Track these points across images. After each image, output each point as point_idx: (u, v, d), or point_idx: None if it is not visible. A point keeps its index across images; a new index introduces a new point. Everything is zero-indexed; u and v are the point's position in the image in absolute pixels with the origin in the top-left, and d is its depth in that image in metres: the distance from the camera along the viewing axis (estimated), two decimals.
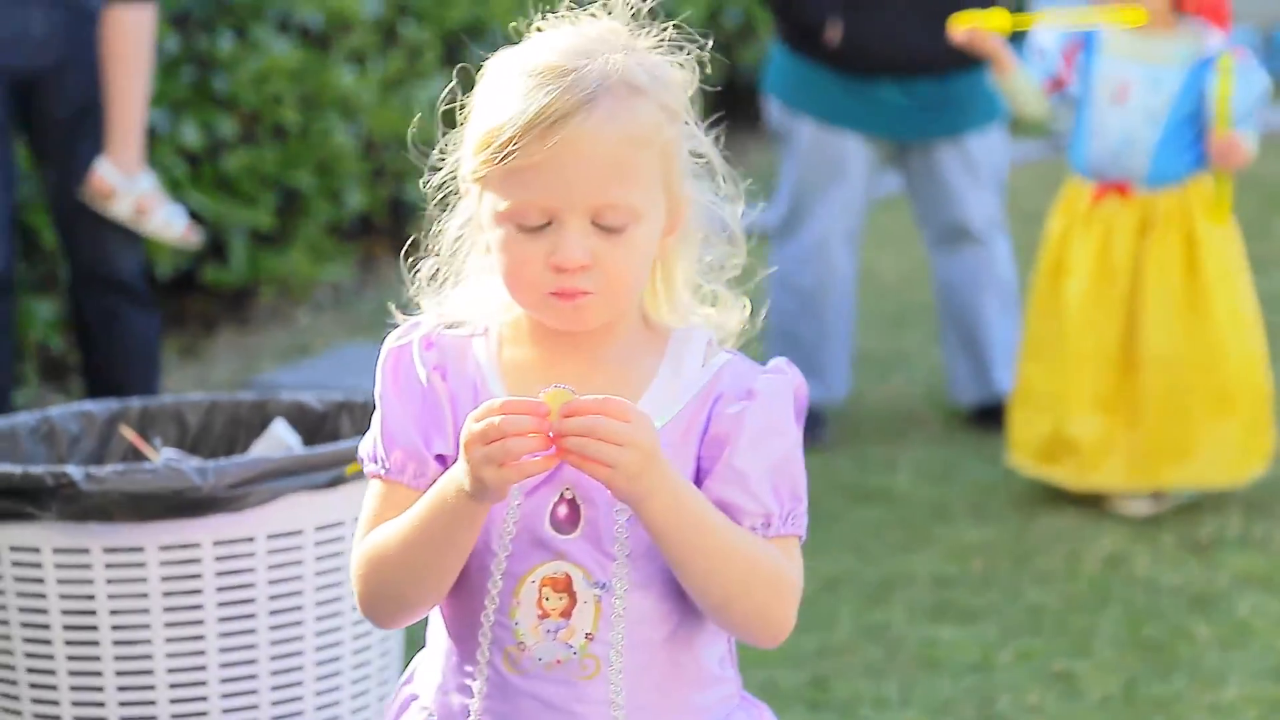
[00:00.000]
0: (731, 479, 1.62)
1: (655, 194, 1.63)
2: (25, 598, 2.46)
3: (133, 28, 3.77)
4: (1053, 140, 7.69)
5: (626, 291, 1.63)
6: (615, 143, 1.60)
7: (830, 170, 4.53)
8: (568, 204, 1.59)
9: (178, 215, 3.91)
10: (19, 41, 3.73)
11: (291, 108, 5.24)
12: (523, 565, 1.61)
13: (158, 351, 4.03)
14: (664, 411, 1.63)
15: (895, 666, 3.32)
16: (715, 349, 1.68)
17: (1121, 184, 4.07)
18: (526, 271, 1.61)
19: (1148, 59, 4.03)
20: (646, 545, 1.61)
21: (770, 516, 1.63)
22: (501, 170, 1.60)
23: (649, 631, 1.63)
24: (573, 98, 1.58)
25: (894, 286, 5.92)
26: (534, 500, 1.62)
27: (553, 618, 1.61)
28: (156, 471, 2.42)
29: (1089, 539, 3.93)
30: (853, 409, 4.76)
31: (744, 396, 1.64)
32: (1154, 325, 4.02)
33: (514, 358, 1.67)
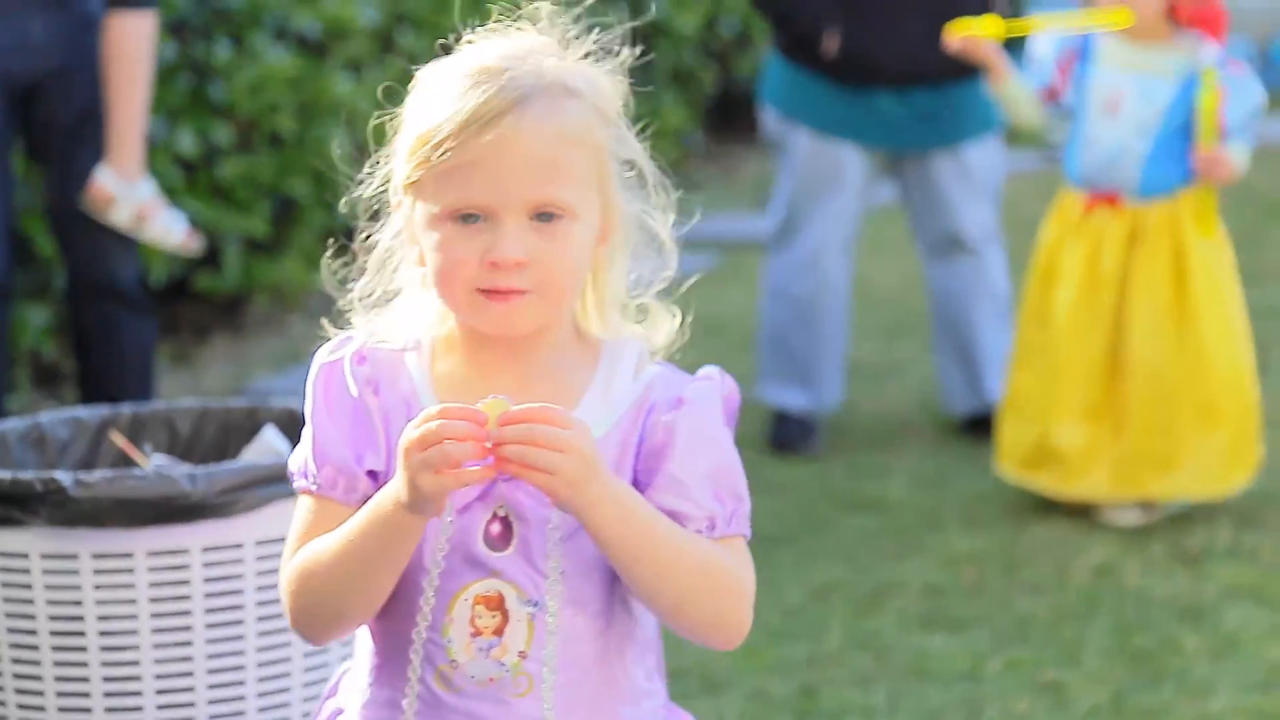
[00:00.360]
0: (671, 488, 1.62)
1: (589, 195, 1.63)
2: (13, 603, 2.46)
3: (134, 35, 3.78)
4: (1049, 151, 7.70)
5: (562, 292, 1.63)
6: (550, 140, 1.60)
7: (826, 180, 4.54)
8: (503, 201, 1.59)
9: (178, 222, 3.92)
10: (20, 48, 3.73)
11: (288, 116, 5.24)
12: (455, 583, 1.61)
13: (153, 358, 4.02)
14: (599, 424, 1.62)
15: (884, 675, 3.32)
16: (646, 360, 1.68)
17: (1112, 195, 4.08)
18: (460, 270, 1.60)
19: (1141, 70, 4.04)
20: (579, 562, 1.62)
21: (714, 519, 1.63)
22: (436, 172, 1.60)
23: (581, 648, 1.63)
24: (507, 96, 1.59)
25: (888, 296, 5.93)
26: (467, 518, 1.61)
27: (485, 635, 1.61)
28: (146, 478, 2.42)
29: (1079, 549, 3.93)
30: (846, 418, 4.77)
31: (675, 406, 1.64)
32: (1141, 336, 4.03)
33: (447, 371, 1.66)
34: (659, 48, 7.46)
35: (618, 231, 1.67)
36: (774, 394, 4.61)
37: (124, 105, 3.78)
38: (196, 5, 5.10)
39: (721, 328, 5.60)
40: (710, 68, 7.90)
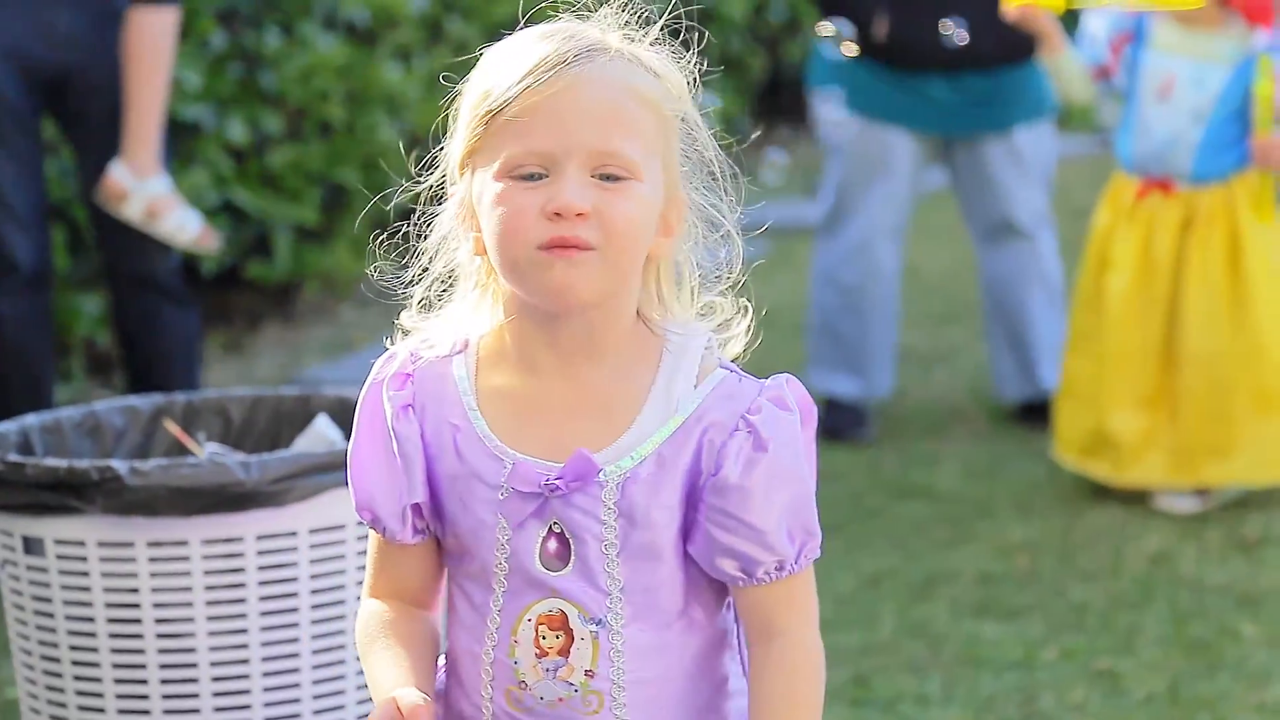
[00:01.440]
0: (746, 534, 1.58)
1: (653, 161, 1.58)
2: (70, 590, 2.48)
3: (154, 30, 3.75)
4: (1101, 135, 7.65)
5: (626, 251, 1.56)
6: (617, 91, 1.56)
7: (876, 166, 4.52)
8: (566, 149, 1.54)
9: (192, 220, 3.87)
10: (44, 36, 3.72)
11: (337, 104, 5.25)
12: (518, 604, 1.60)
13: (197, 350, 4.02)
14: (651, 441, 1.58)
15: (938, 664, 3.31)
16: (712, 359, 1.62)
17: (1165, 180, 4.05)
18: (521, 223, 1.55)
19: (1193, 55, 4.00)
20: (641, 578, 1.59)
21: (784, 561, 1.60)
22: (498, 125, 1.56)
23: (650, 663, 1.60)
24: (572, 47, 1.56)
25: (939, 282, 5.90)
26: (522, 536, 1.59)
27: (551, 656, 1.59)
28: (200, 466, 2.43)
29: (1134, 536, 3.90)
30: (896, 405, 4.75)
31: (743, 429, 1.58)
32: (1195, 322, 4.00)
33: (494, 384, 1.62)
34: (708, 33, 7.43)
35: (683, 223, 1.62)
36: (824, 381, 4.59)
37: (141, 100, 3.75)
38: None
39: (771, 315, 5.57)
40: (759, 54, 7.88)
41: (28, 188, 3.79)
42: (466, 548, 1.62)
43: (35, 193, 3.82)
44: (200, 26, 4.91)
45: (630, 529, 1.58)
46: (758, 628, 1.63)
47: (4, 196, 3.76)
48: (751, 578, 1.60)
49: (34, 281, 3.83)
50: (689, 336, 1.62)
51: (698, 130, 1.63)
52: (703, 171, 1.64)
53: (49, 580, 2.49)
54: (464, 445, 1.61)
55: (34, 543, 2.48)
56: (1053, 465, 4.26)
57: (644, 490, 1.58)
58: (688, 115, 1.62)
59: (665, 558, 1.60)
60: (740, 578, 1.60)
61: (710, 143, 1.65)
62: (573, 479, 1.57)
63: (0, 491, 2.49)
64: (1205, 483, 4.02)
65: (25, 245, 3.80)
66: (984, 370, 4.88)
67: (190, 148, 4.93)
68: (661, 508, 1.59)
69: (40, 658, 2.52)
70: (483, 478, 1.60)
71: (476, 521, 1.60)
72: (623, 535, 1.58)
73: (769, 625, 1.62)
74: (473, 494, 1.60)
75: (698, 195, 1.64)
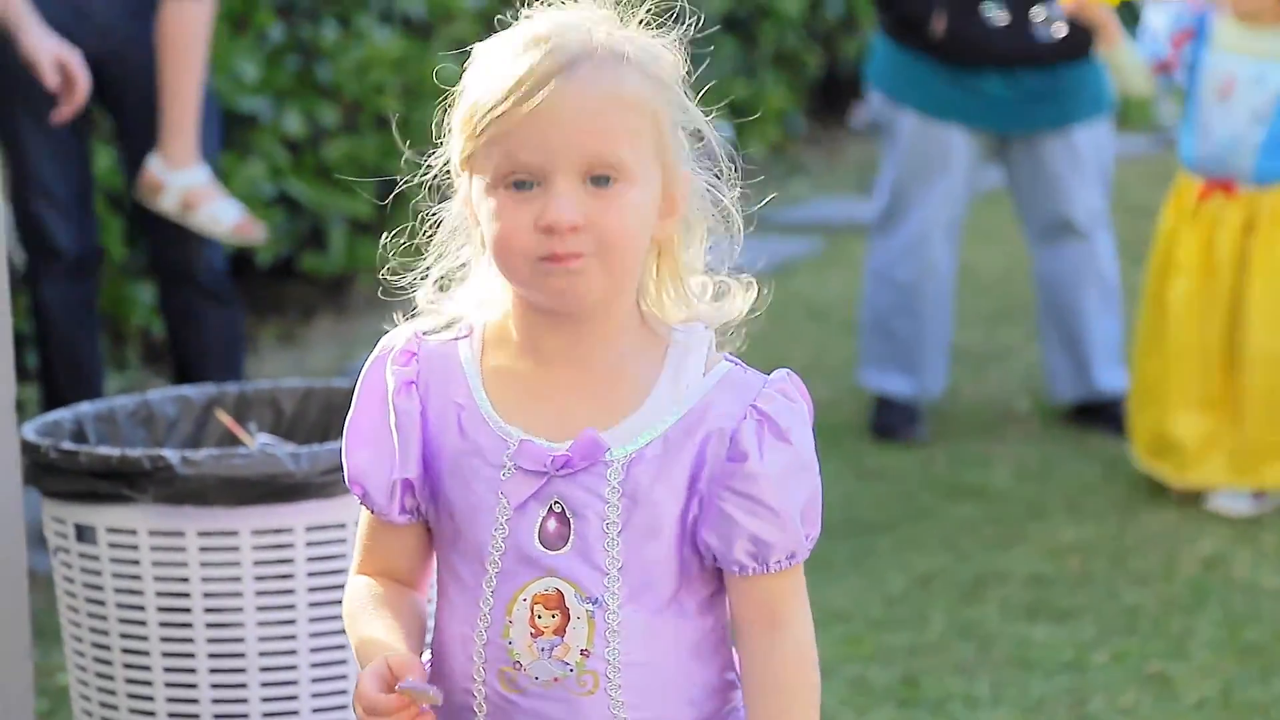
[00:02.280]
0: (768, 517, 1.60)
1: (648, 161, 1.58)
2: (121, 579, 2.49)
3: (188, 20, 3.72)
4: (1160, 134, 7.59)
5: (622, 257, 1.57)
6: (600, 99, 1.56)
7: (932, 163, 4.50)
8: (553, 163, 1.55)
9: (228, 211, 3.82)
10: (80, 22, 3.71)
11: (393, 97, 5.27)
12: (513, 584, 1.60)
13: (239, 348, 3.97)
14: (658, 424, 1.60)
15: (988, 665, 3.29)
16: (716, 354, 1.64)
17: (1227, 182, 4.01)
18: (516, 238, 1.56)
19: (1254, 54, 3.97)
20: (638, 558, 1.60)
21: (796, 550, 1.62)
22: (487, 139, 1.57)
23: (646, 644, 1.61)
24: (555, 60, 1.56)
25: (993, 282, 5.87)
26: (522, 516, 1.60)
27: (546, 635, 1.60)
28: (251, 456, 2.44)
29: (1188, 539, 3.87)
30: (949, 405, 4.72)
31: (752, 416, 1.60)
32: (1257, 324, 3.97)
33: (499, 366, 1.63)
34: (763, 30, 7.42)
35: (686, 204, 1.62)
36: (877, 380, 4.57)
37: (175, 91, 3.72)
38: None
39: (824, 312, 5.57)
40: (814, 50, 7.86)
41: (69, 174, 3.78)
42: (461, 529, 1.63)
43: (77, 179, 3.80)
44: (258, 19, 4.94)
45: (633, 508, 1.60)
46: (760, 619, 1.64)
47: (45, 183, 3.77)
48: (765, 564, 1.62)
49: (77, 267, 3.82)
50: (692, 332, 1.64)
51: (691, 109, 1.63)
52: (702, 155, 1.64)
53: (100, 568, 2.50)
54: (468, 423, 1.62)
55: (86, 530, 2.50)
56: (1106, 467, 4.23)
57: (649, 471, 1.59)
58: (679, 103, 1.62)
59: (663, 540, 1.61)
60: (751, 565, 1.62)
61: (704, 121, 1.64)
62: (581, 457, 1.58)
63: (54, 479, 2.50)
64: (1267, 485, 3.99)
65: (66, 231, 3.79)
66: (1038, 370, 4.85)
67: (247, 139, 4.96)
68: (665, 489, 1.60)
69: (91, 645, 2.54)
70: (485, 456, 1.61)
71: (477, 499, 1.61)
72: (625, 514, 1.59)
73: (772, 616, 1.64)
74: (474, 473, 1.61)
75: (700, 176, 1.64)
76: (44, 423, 2.63)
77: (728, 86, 7.07)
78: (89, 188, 3.87)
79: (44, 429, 2.61)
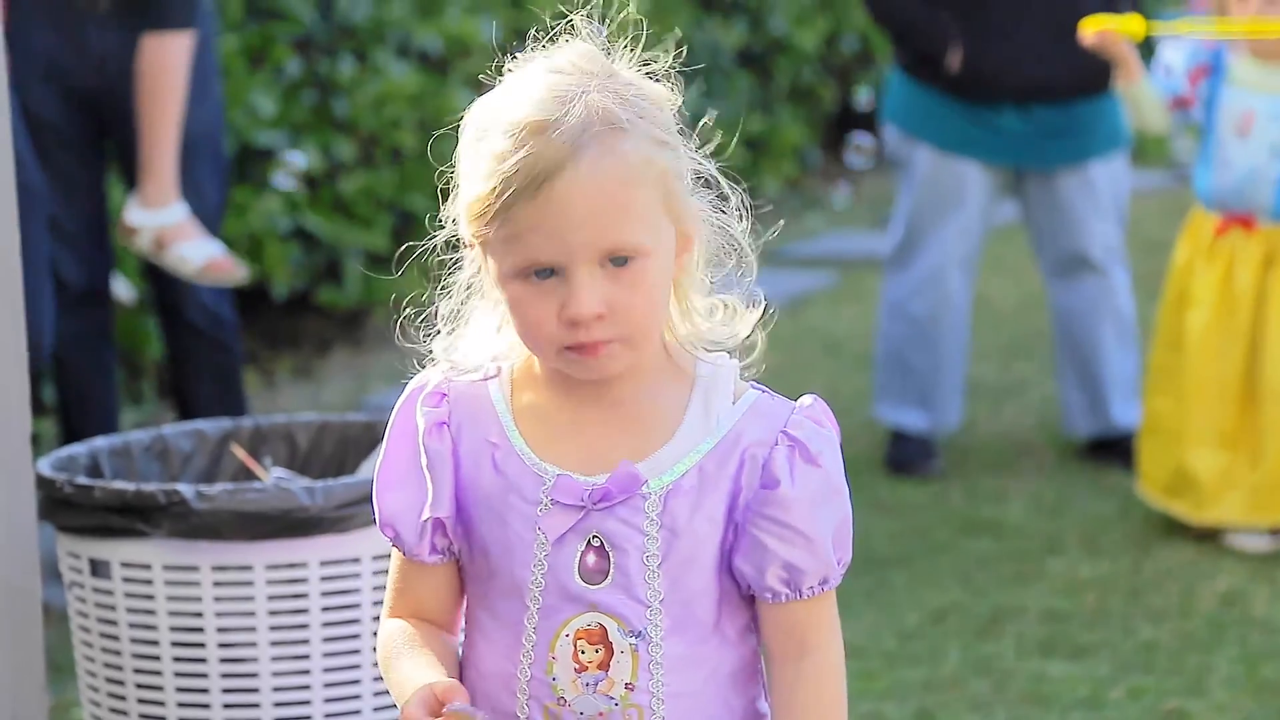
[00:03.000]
0: (801, 544, 1.60)
1: (660, 226, 1.59)
2: (135, 614, 2.49)
3: (166, 57, 3.67)
4: (1176, 170, 7.58)
5: (646, 333, 1.60)
6: (608, 185, 1.55)
7: (948, 198, 4.50)
8: (570, 256, 1.55)
9: (199, 250, 3.74)
10: (78, 55, 3.69)
11: (409, 131, 5.29)
12: (555, 619, 1.60)
13: (234, 388, 3.92)
14: (693, 454, 1.60)
15: (1003, 701, 3.28)
16: (742, 382, 1.65)
17: (1246, 217, 4.01)
18: (542, 330, 1.58)
19: (1272, 90, 3.97)
20: (679, 590, 1.60)
21: (829, 576, 1.63)
22: (501, 234, 1.57)
23: (688, 675, 1.61)
24: (556, 153, 1.54)
25: (1009, 316, 5.86)
26: (561, 551, 1.60)
27: (590, 670, 1.60)
28: (265, 491, 2.44)
29: (1205, 576, 3.86)
30: (965, 439, 4.71)
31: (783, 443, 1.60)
32: (1275, 359, 3.95)
33: (531, 404, 1.64)
34: (779, 65, 7.44)
35: (699, 230, 1.63)
36: (892, 414, 4.57)
37: (152, 130, 3.68)
38: (322, 22, 5.16)
39: (839, 346, 5.56)
40: (830, 85, 7.87)
41: (76, 207, 3.76)
42: (498, 566, 1.63)
43: (86, 212, 3.78)
44: (275, 54, 4.96)
45: (673, 540, 1.60)
46: (791, 645, 1.64)
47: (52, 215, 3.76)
48: (797, 591, 1.62)
49: (84, 300, 3.81)
50: (718, 364, 1.64)
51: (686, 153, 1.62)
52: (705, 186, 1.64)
53: (115, 603, 2.50)
54: (502, 461, 1.62)
55: (101, 565, 2.50)
56: (1122, 502, 4.22)
57: (686, 503, 1.60)
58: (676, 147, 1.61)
59: (703, 570, 1.61)
60: (784, 592, 1.62)
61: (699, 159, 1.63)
62: (619, 490, 1.59)
63: (68, 514, 2.51)
64: None
65: (73, 263, 3.78)
66: (1053, 405, 4.84)
67: (263, 173, 4.98)
68: (704, 520, 1.60)
69: (105, 680, 2.54)
70: (522, 493, 1.61)
71: (514, 537, 1.61)
72: (665, 547, 1.59)
73: (803, 642, 1.64)
74: (511, 509, 1.61)
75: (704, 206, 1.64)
76: (59, 457, 2.63)
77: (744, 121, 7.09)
78: (100, 221, 3.85)
79: (59, 463, 2.61)
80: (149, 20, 3.69)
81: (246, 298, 5.25)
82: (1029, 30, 4.37)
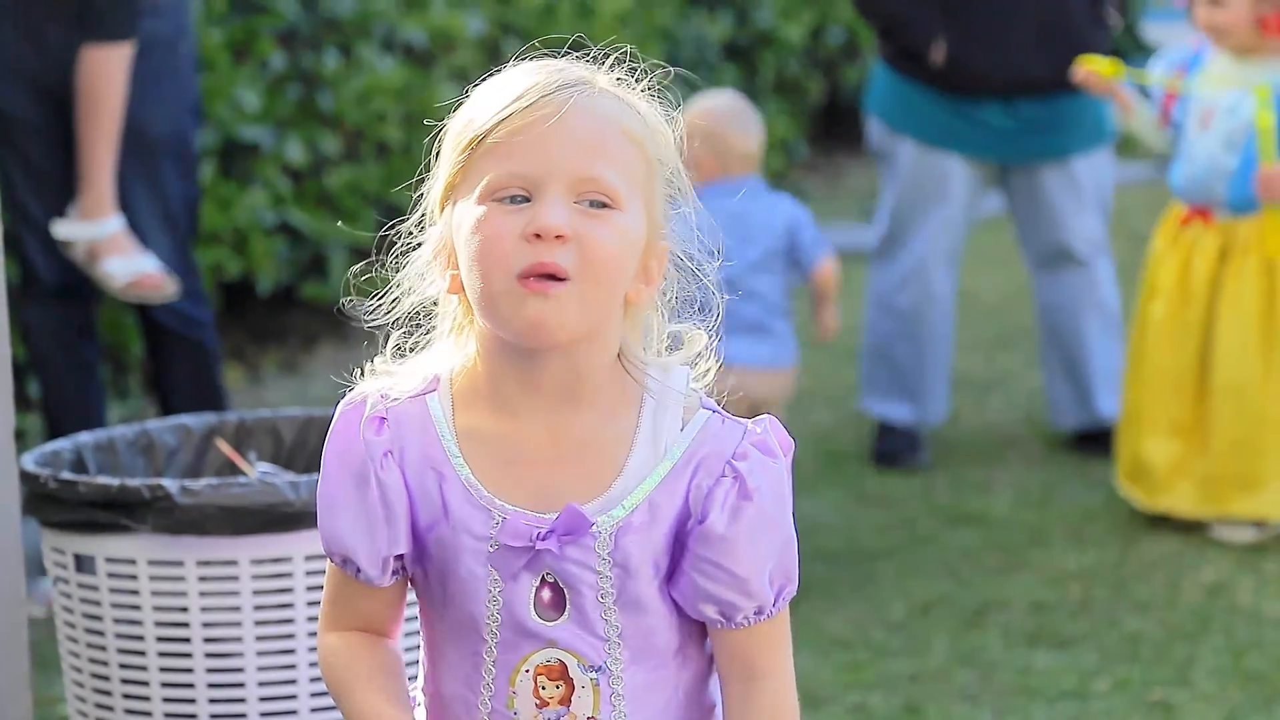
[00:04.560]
0: (729, 582, 1.57)
1: (636, 195, 1.56)
2: (120, 609, 2.49)
3: (103, 68, 3.62)
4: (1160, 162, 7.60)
5: (602, 285, 1.53)
6: (603, 122, 1.55)
7: (931, 191, 4.50)
8: (549, 173, 1.52)
9: (128, 266, 3.69)
10: (39, 54, 3.67)
11: (394, 125, 5.28)
12: (514, 655, 1.58)
13: (210, 386, 3.88)
14: (640, 490, 1.56)
15: (990, 692, 3.28)
16: (694, 399, 1.60)
17: (1205, 209, 4.03)
18: (500, 246, 1.52)
19: (1232, 84, 3.98)
20: (637, 624, 1.58)
21: (764, 607, 1.59)
22: (482, 151, 1.54)
23: (650, 700, 1.60)
24: (561, 79, 1.56)
25: (994, 308, 5.87)
26: (516, 587, 1.57)
27: (552, 706, 1.58)
28: (250, 485, 2.44)
29: (1190, 567, 3.86)
30: (950, 432, 4.72)
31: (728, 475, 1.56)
32: (1227, 352, 3.97)
33: (474, 427, 1.58)
34: (764, 57, 7.44)
35: (662, 273, 1.60)
36: (878, 407, 4.57)
37: (88, 143, 3.63)
38: (306, 15, 5.15)
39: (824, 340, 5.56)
40: (816, 78, 7.87)
41: (50, 201, 3.73)
42: (453, 598, 1.60)
43: (59, 206, 3.74)
44: (260, 48, 4.95)
45: (625, 578, 1.57)
46: (737, 670, 1.62)
47: (28, 212, 3.74)
48: (731, 622, 1.60)
49: (59, 294, 3.79)
50: (669, 377, 1.59)
51: (683, 184, 1.61)
52: (686, 225, 1.62)
53: (100, 598, 2.50)
54: (449, 495, 1.58)
55: (85, 560, 2.50)
56: (1108, 494, 4.23)
57: (637, 539, 1.57)
58: (674, 168, 1.60)
59: (658, 602, 1.59)
60: (719, 621, 1.60)
61: (694, 199, 1.62)
62: (564, 534, 1.55)
63: (53, 509, 2.50)
64: (1233, 516, 3.98)
65: (46, 259, 3.76)
66: (1039, 397, 4.84)
67: (248, 168, 4.97)
68: (654, 554, 1.58)
69: (90, 675, 2.53)
70: (471, 530, 1.57)
71: (466, 573, 1.58)
72: (618, 584, 1.57)
73: (749, 667, 1.62)
74: (460, 545, 1.58)
75: (679, 248, 1.61)
76: (43, 453, 2.62)
77: None
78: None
79: (43, 459, 2.61)
80: (88, 30, 3.64)
81: (232, 292, 5.24)
82: (1013, 25, 4.37)
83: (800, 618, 3.45)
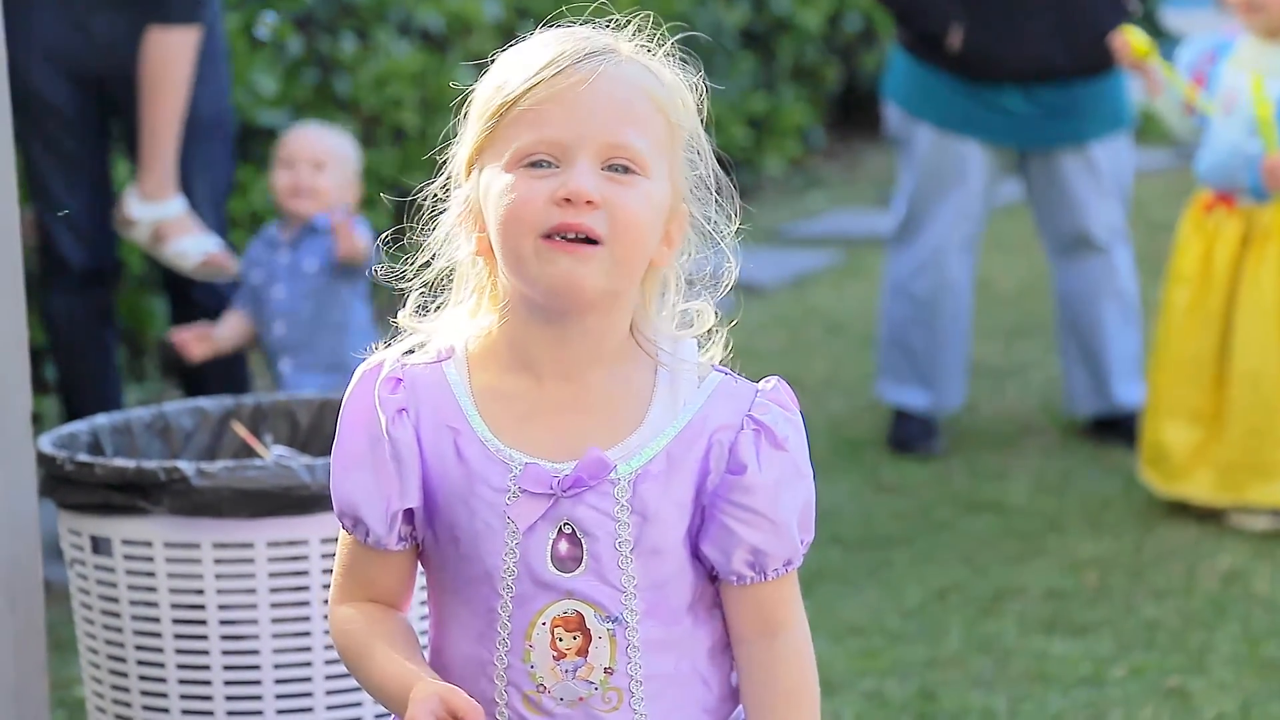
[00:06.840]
0: (766, 528, 1.61)
1: (662, 164, 1.59)
2: (136, 590, 2.49)
3: (170, 50, 3.65)
4: (1180, 149, 7.57)
5: (632, 247, 1.57)
6: (630, 89, 1.58)
7: (949, 177, 4.49)
8: (578, 139, 1.56)
9: (198, 245, 3.73)
10: (85, 40, 3.68)
11: (411, 110, 5.28)
12: (530, 608, 1.59)
13: (237, 365, 3.90)
14: (660, 439, 1.60)
15: (1005, 679, 3.28)
16: (706, 365, 1.64)
17: (1228, 195, 4.01)
18: (529, 208, 1.55)
19: (1260, 69, 3.96)
20: (653, 574, 1.61)
21: (793, 558, 1.63)
22: (512, 118, 1.57)
23: (665, 656, 1.62)
24: (589, 46, 1.58)
25: (1012, 296, 5.86)
26: (532, 539, 1.59)
27: (570, 657, 1.60)
28: (266, 468, 2.44)
29: (1207, 554, 3.86)
30: (967, 419, 4.71)
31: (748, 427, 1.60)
32: (1246, 339, 3.96)
33: (490, 385, 1.61)
34: (782, 44, 7.42)
35: (683, 236, 1.63)
36: (894, 393, 4.57)
37: (153, 123, 3.66)
38: (323, 0, 5.15)
39: (842, 325, 5.56)
40: (833, 64, 7.85)
41: (80, 188, 3.76)
42: (468, 554, 1.61)
43: (90, 193, 3.78)
44: (277, 32, 4.95)
45: (644, 525, 1.60)
46: (760, 625, 1.65)
47: (54, 197, 3.76)
48: (763, 573, 1.62)
49: (87, 280, 3.81)
50: (679, 349, 1.63)
51: (702, 148, 1.64)
52: (704, 189, 1.65)
53: (116, 580, 2.50)
54: (465, 448, 1.60)
55: (102, 542, 2.50)
56: (1125, 481, 4.22)
57: (656, 487, 1.60)
58: (694, 132, 1.63)
59: (675, 554, 1.62)
60: (750, 575, 1.63)
61: (713, 162, 1.65)
62: (588, 476, 1.58)
63: (69, 491, 2.51)
64: (1249, 503, 3.98)
65: (75, 245, 3.79)
66: (1056, 385, 4.83)
67: (265, 152, 4.97)
68: (673, 504, 1.60)
69: (106, 657, 2.54)
70: (488, 481, 1.60)
71: (483, 526, 1.60)
72: (636, 532, 1.59)
73: (770, 621, 1.65)
74: (477, 498, 1.60)
75: (698, 210, 1.64)
76: (60, 435, 2.63)
77: (747, 101, 7.08)
78: (104, 202, 3.84)
79: (60, 441, 2.62)
80: (155, 13, 3.67)
81: None
82: (1031, 10, 4.36)
83: (816, 604, 3.45)
